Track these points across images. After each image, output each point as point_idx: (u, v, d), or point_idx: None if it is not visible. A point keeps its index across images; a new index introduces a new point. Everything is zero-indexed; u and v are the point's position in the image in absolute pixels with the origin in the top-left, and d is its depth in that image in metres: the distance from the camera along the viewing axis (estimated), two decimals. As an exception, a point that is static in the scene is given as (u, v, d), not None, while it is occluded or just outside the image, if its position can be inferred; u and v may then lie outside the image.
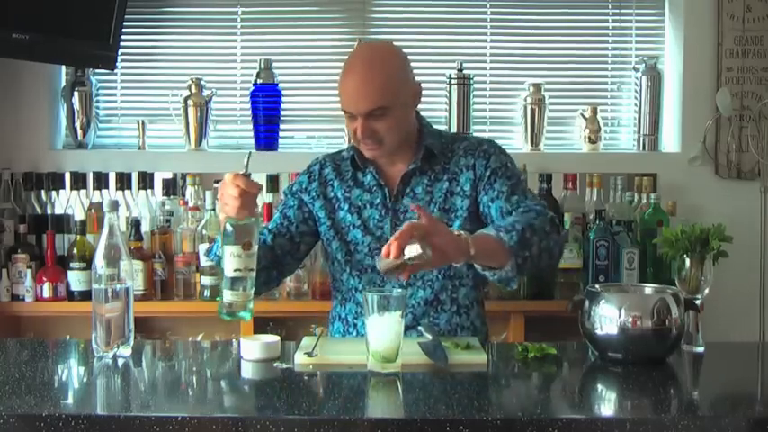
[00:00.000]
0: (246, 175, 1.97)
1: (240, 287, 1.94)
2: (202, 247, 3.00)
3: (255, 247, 1.95)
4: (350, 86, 2.18)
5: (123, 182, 3.22)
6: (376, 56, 2.24)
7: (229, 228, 1.95)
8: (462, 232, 1.96)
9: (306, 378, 1.82)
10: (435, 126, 2.41)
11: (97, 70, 3.38)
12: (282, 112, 3.40)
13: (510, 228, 2.00)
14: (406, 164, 2.27)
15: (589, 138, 3.40)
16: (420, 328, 2.04)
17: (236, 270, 1.93)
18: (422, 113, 3.42)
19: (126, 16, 3.17)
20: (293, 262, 2.35)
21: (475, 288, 2.28)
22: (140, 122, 3.40)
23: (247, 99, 3.39)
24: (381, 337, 1.81)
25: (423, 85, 3.40)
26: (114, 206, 1.96)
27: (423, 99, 3.40)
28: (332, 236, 2.28)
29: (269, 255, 2.24)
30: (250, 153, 2.01)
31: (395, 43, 3.42)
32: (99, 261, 1.91)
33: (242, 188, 1.94)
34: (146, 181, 3.22)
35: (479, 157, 2.25)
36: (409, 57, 3.42)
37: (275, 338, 1.98)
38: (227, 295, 1.95)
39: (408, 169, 2.25)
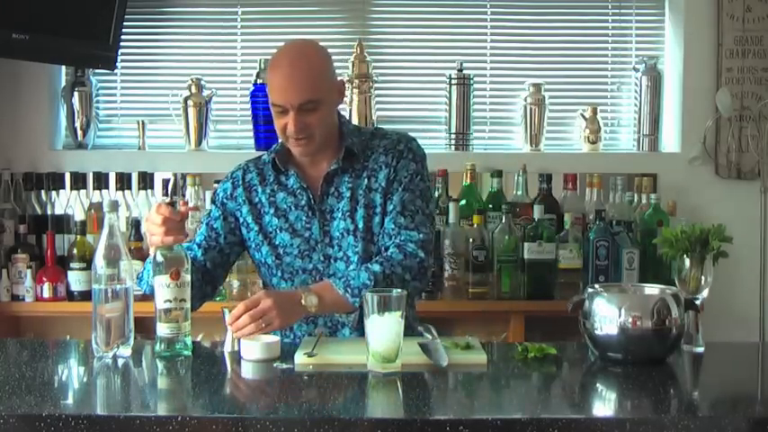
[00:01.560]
0: (171, 203, 2.01)
1: (173, 319, 1.94)
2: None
3: (186, 277, 1.96)
4: (281, 80, 2.18)
5: (123, 182, 3.22)
6: (303, 51, 2.25)
7: (159, 258, 1.96)
8: (304, 296, 2.07)
9: (306, 378, 1.82)
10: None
11: (97, 70, 3.38)
12: (282, 112, 3.39)
13: (357, 291, 2.09)
14: (327, 164, 2.27)
15: (589, 138, 3.40)
16: (420, 328, 2.04)
17: (166, 301, 1.94)
18: (423, 113, 3.48)
19: (126, 16, 3.17)
20: (223, 273, 2.37)
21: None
22: (140, 122, 3.40)
23: (247, 99, 3.39)
24: (381, 337, 1.81)
25: (423, 85, 3.46)
26: (114, 206, 1.96)
27: (423, 99, 3.47)
28: (261, 241, 2.29)
29: (201, 270, 2.26)
30: (174, 180, 2.04)
31: (395, 43, 3.46)
32: (99, 261, 1.91)
33: (165, 216, 1.98)
34: (146, 181, 3.22)
35: (395, 156, 2.27)
36: (409, 57, 3.48)
37: (275, 338, 1.98)
38: (161, 329, 1.95)
39: (330, 169, 2.26)
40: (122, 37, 3.20)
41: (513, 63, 3.48)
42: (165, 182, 3.25)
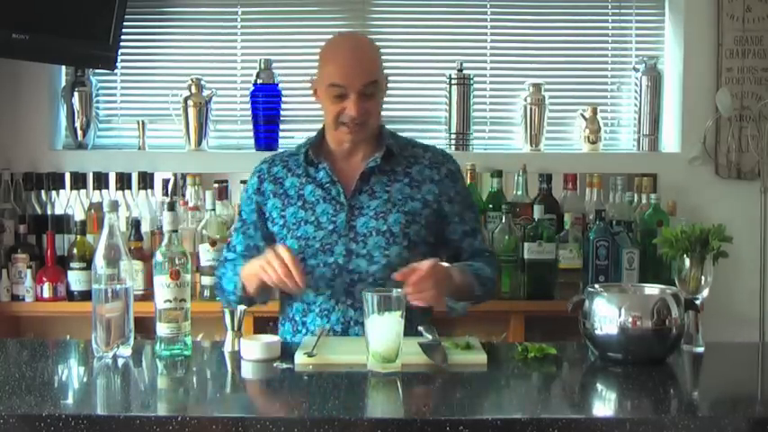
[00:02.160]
0: (171, 203, 2.08)
1: (173, 319, 1.94)
2: (202, 248, 3.00)
3: (187, 277, 1.96)
4: (344, 60, 2.20)
5: (123, 182, 3.22)
6: (362, 38, 2.34)
7: (159, 257, 1.96)
8: (454, 273, 2.13)
9: (306, 378, 1.82)
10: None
11: (97, 70, 3.38)
12: (282, 112, 3.40)
13: (483, 280, 2.24)
14: (361, 160, 2.28)
15: (589, 138, 3.40)
16: (420, 328, 2.04)
17: (166, 301, 1.94)
18: (423, 113, 3.47)
19: (126, 16, 3.17)
20: None
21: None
22: (140, 122, 3.40)
23: (247, 99, 3.39)
24: (381, 337, 1.81)
25: (423, 85, 3.46)
26: (114, 206, 1.96)
27: (423, 99, 3.48)
28: (285, 234, 2.28)
29: None
30: (174, 180, 2.07)
31: (395, 43, 3.46)
32: (99, 261, 1.91)
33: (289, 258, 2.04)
34: (146, 181, 3.22)
35: (445, 176, 2.31)
36: (409, 57, 3.47)
37: (275, 338, 1.99)
38: (161, 329, 1.95)
39: (368, 167, 2.26)
40: (122, 37, 3.20)
41: (513, 63, 3.47)
42: (165, 182, 3.26)
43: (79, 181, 3.22)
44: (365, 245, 2.22)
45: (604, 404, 1.79)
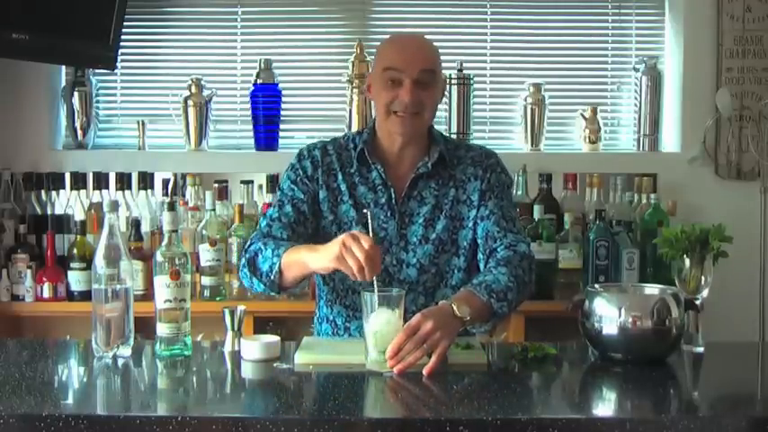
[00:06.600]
0: (171, 203, 2.03)
1: (173, 319, 1.94)
2: (202, 248, 3.00)
3: (187, 277, 1.96)
4: (402, 45, 2.19)
5: (123, 182, 3.21)
6: (420, 34, 2.35)
7: (159, 257, 1.96)
8: (455, 306, 1.90)
9: (306, 378, 1.82)
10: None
11: (97, 70, 3.38)
12: (282, 112, 3.39)
13: (502, 295, 2.01)
14: (412, 165, 2.22)
15: (589, 138, 3.40)
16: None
17: (166, 301, 1.94)
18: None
19: (126, 16, 3.17)
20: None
21: None
22: (140, 122, 3.40)
23: (247, 99, 3.39)
24: (381, 337, 1.81)
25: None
26: (114, 206, 1.96)
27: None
28: (334, 232, 2.18)
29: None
30: (174, 180, 2.02)
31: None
32: (99, 261, 1.91)
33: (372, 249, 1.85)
34: (146, 181, 3.22)
35: (487, 169, 2.25)
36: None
37: (275, 338, 1.98)
38: (161, 329, 1.95)
39: (418, 173, 2.21)
40: (122, 37, 3.20)
41: (513, 63, 3.47)
42: (165, 182, 3.26)
43: (79, 181, 3.22)
44: (415, 254, 2.18)
45: (604, 404, 1.79)
